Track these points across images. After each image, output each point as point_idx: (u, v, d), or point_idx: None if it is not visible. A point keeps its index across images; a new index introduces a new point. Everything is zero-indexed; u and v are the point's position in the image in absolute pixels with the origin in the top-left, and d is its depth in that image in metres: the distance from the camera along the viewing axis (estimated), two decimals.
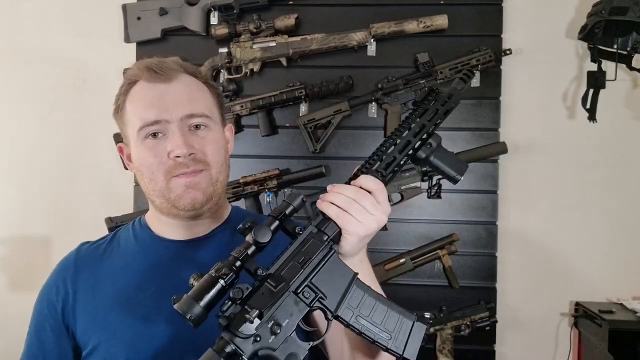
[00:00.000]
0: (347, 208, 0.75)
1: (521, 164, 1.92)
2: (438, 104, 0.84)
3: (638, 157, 1.91)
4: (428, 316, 1.86)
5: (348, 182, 0.79)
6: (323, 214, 0.77)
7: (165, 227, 0.93)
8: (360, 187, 0.77)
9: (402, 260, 1.84)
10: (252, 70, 1.89)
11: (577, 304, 1.88)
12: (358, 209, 0.75)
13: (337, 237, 0.76)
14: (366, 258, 0.84)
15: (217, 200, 0.90)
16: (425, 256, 1.85)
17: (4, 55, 2.09)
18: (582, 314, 1.83)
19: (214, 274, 0.69)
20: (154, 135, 0.86)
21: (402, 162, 0.81)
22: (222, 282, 0.69)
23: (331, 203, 0.76)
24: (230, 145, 0.96)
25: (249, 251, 0.71)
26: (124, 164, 1.02)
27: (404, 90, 1.85)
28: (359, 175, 0.78)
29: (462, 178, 0.85)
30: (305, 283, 0.73)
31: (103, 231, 1.90)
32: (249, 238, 0.72)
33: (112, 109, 0.96)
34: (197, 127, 0.87)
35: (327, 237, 0.76)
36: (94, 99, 2.06)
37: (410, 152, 0.81)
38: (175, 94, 0.86)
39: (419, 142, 0.81)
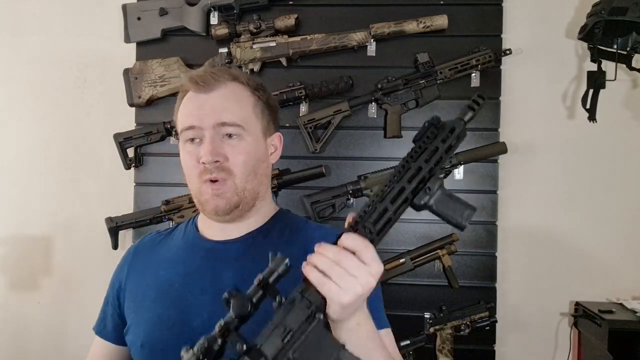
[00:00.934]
0: (329, 272, 0.69)
1: (521, 164, 1.92)
2: (438, 141, 0.74)
3: (638, 157, 1.91)
4: (428, 316, 1.86)
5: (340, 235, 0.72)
6: (305, 279, 0.70)
7: (207, 226, 1.00)
8: (344, 247, 0.70)
9: (402, 260, 1.84)
10: (252, 70, 1.89)
11: (577, 304, 1.88)
12: (339, 273, 0.68)
13: (322, 304, 0.69)
14: (366, 319, 0.76)
15: (245, 207, 0.95)
16: (425, 256, 1.85)
17: (4, 55, 2.10)
18: (582, 314, 1.83)
19: (196, 352, 0.67)
20: (192, 140, 0.92)
21: (396, 212, 0.71)
22: None
23: (314, 267, 0.70)
24: (276, 153, 1.01)
25: (231, 326, 0.68)
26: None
27: (404, 90, 1.85)
28: (349, 231, 0.72)
29: (467, 225, 0.74)
30: (287, 357, 0.66)
31: (103, 231, 1.91)
32: (230, 313, 0.69)
33: (174, 114, 1.03)
34: (230, 135, 0.92)
35: (310, 305, 0.68)
36: (94, 99, 2.06)
37: (405, 199, 0.71)
38: (211, 104, 0.92)
39: (414, 187, 0.72)
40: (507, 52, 1.85)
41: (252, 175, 0.94)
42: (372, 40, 1.86)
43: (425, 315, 1.87)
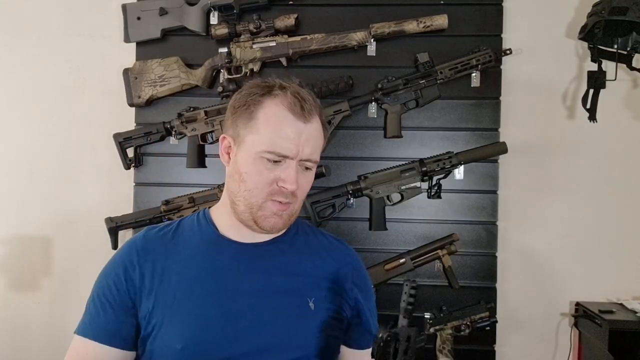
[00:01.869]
0: None
1: (521, 164, 1.92)
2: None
3: (638, 157, 1.91)
4: (428, 316, 1.86)
5: None
6: None
7: (233, 228, 1.00)
8: None
9: (402, 260, 1.84)
10: (252, 70, 1.89)
11: (577, 304, 1.88)
12: None
13: None
14: None
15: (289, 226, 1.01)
16: (425, 256, 1.85)
17: (4, 55, 2.09)
18: (582, 314, 1.83)
19: None
20: (275, 161, 0.93)
21: None
22: None
23: None
24: None
25: None
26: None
27: (404, 90, 1.85)
28: None
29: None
30: None
31: (103, 231, 1.91)
32: None
33: (236, 102, 0.98)
34: (306, 168, 0.97)
35: None
36: (94, 99, 2.06)
37: None
38: (307, 137, 0.94)
39: None
40: (507, 52, 1.84)
41: (304, 199, 1.01)
42: (372, 40, 1.86)
43: (426, 316, 1.86)
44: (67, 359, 0.97)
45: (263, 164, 0.93)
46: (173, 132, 1.92)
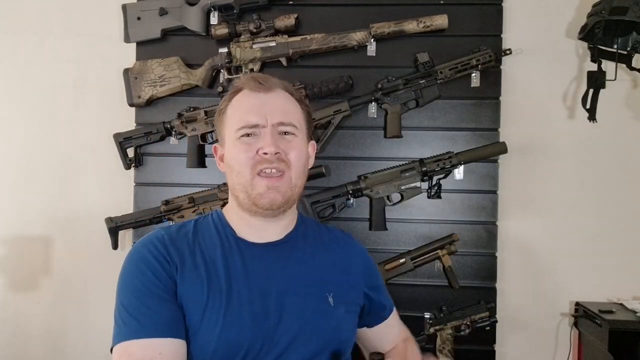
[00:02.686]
0: None
1: (521, 164, 1.92)
2: None
3: (638, 157, 1.91)
4: (428, 316, 1.86)
5: None
6: None
7: (246, 227, 1.02)
8: None
9: (402, 260, 1.84)
10: (252, 70, 1.89)
11: (577, 304, 1.88)
12: None
13: None
14: None
15: (292, 204, 1.02)
16: (425, 256, 1.85)
17: (4, 55, 2.09)
18: (582, 314, 1.83)
19: None
20: (248, 135, 0.97)
21: None
22: None
23: None
24: (310, 161, 1.08)
25: None
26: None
27: (404, 90, 1.85)
28: None
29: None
30: None
31: (103, 231, 1.91)
32: None
33: (216, 114, 1.06)
34: (285, 133, 0.99)
35: None
36: (94, 99, 2.06)
37: None
38: (273, 103, 0.99)
39: None
40: (507, 52, 1.84)
41: (302, 173, 1.01)
42: (372, 40, 1.86)
43: (426, 316, 1.87)
44: None
45: (241, 143, 0.97)
46: (173, 132, 1.92)
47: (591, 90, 1.81)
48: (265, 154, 0.95)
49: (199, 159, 1.92)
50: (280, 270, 1.00)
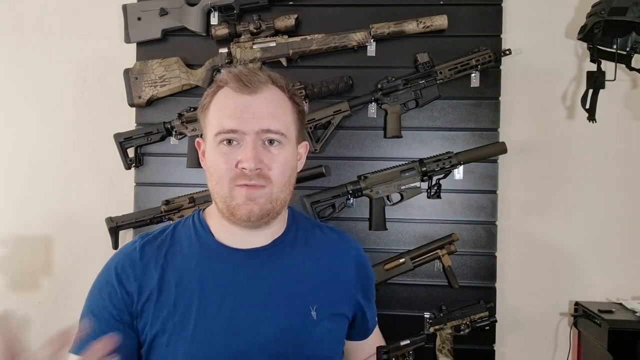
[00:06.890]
0: None
1: (521, 164, 1.92)
2: None
3: (638, 157, 1.91)
4: (428, 316, 1.86)
5: None
6: None
7: (227, 233, 0.96)
8: None
9: (402, 260, 1.84)
10: None
11: (577, 303, 1.88)
12: None
13: None
14: None
15: (274, 215, 0.93)
16: (425, 256, 1.85)
17: (4, 55, 2.10)
18: (581, 314, 1.83)
19: None
20: (229, 142, 0.89)
21: None
22: None
23: None
24: (301, 162, 1.01)
25: None
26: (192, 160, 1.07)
27: (403, 91, 1.85)
28: None
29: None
30: None
31: (103, 231, 1.91)
32: None
33: (199, 107, 0.99)
34: (271, 142, 0.90)
35: None
36: (94, 99, 2.07)
37: None
38: (257, 108, 0.89)
39: None
40: (507, 52, 1.85)
41: (286, 185, 0.93)
42: (372, 40, 1.86)
43: (425, 315, 1.87)
44: None
45: (220, 149, 0.90)
46: (173, 132, 1.93)
47: (590, 91, 1.81)
48: (244, 168, 0.87)
49: (199, 159, 1.92)
50: (262, 280, 0.93)
